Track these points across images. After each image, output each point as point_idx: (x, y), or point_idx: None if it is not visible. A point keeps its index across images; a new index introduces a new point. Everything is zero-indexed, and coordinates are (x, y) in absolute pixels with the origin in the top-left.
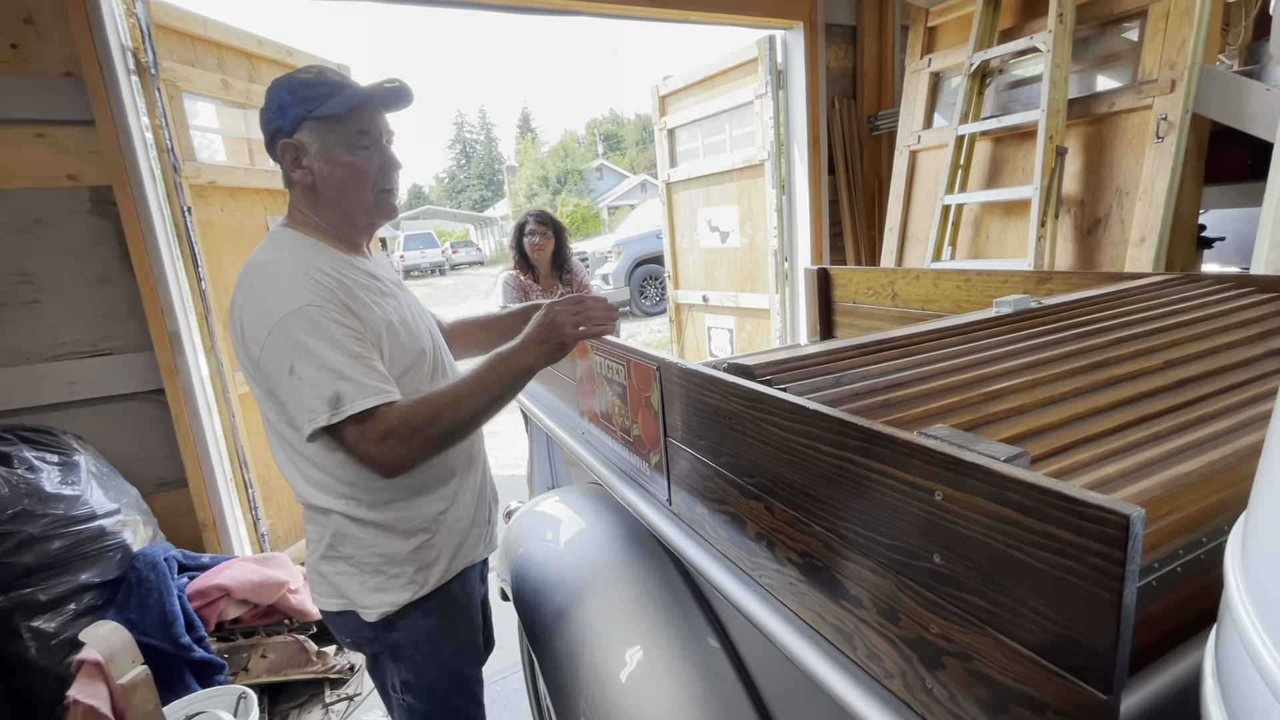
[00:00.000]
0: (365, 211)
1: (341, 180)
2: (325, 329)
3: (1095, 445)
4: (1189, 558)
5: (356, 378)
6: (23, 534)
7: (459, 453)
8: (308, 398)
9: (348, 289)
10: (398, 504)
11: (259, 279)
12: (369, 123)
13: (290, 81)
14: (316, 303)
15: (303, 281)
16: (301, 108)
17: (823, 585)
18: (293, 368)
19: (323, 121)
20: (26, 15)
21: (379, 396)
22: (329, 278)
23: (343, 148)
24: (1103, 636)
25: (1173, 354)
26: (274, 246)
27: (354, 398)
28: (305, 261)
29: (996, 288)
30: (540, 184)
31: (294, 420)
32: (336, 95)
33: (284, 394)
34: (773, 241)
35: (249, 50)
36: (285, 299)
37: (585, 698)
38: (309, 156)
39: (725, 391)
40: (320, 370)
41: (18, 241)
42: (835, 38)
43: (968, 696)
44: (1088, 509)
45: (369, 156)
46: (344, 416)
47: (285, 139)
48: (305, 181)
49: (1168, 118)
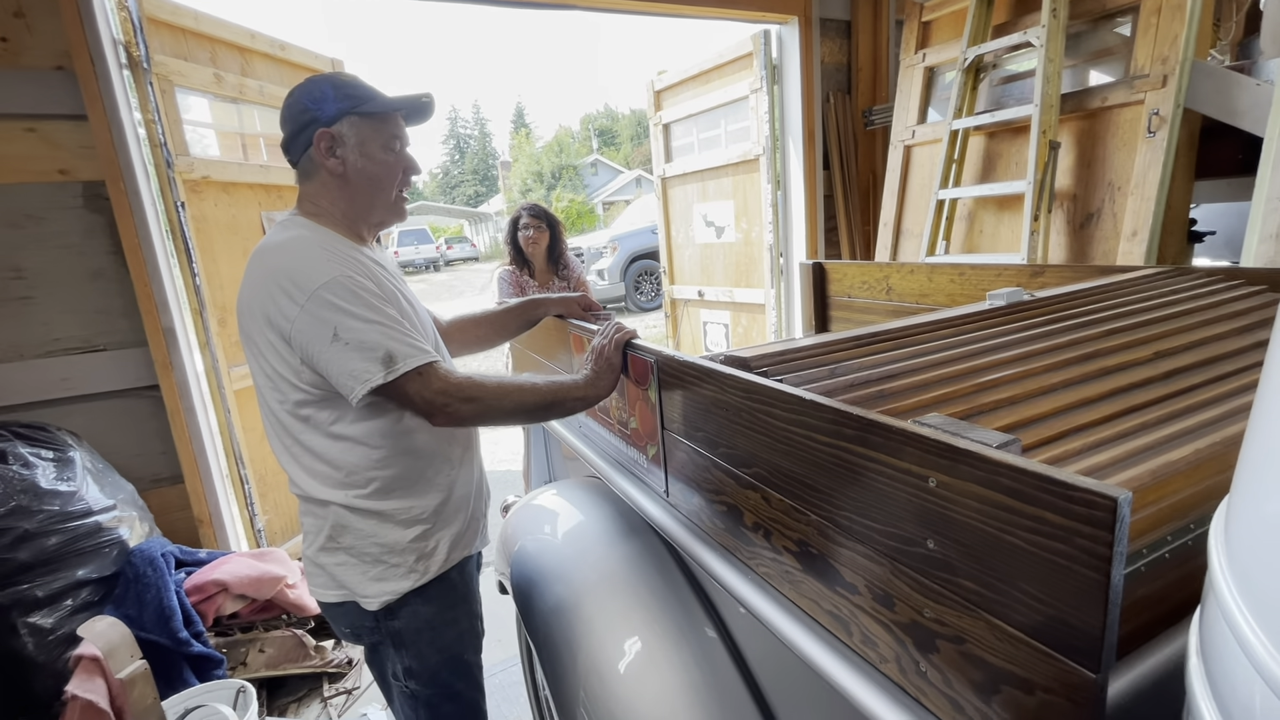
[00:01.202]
0: (385, 208)
1: (373, 175)
2: (363, 297)
3: (1086, 434)
4: (1177, 544)
5: (403, 338)
6: (19, 530)
7: (456, 444)
8: (358, 360)
9: (366, 269)
10: (397, 494)
11: (281, 256)
12: (402, 129)
13: (333, 79)
14: (347, 273)
15: (328, 256)
16: (345, 103)
17: (818, 573)
18: (336, 333)
19: (365, 118)
20: (17, 8)
21: (430, 355)
22: (347, 256)
23: (378, 145)
24: (1091, 616)
25: (1163, 345)
26: (286, 230)
27: (407, 355)
28: (323, 241)
29: (990, 281)
30: (535, 179)
31: (342, 385)
32: (378, 98)
33: (328, 360)
34: (768, 236)
35: (242, 44)
36: (316, 271)
37: (584, 689)
38: (344, 148)
39: (722, 383)
40: (367, 333)
41: (9, 237)
42: (830, 32)
43: (961, 679)
44: (1077, 493)
45: (399, 159)
46: (400, 373)
47: (323, 128)
48: (337, 171)
49: (1159, 112)
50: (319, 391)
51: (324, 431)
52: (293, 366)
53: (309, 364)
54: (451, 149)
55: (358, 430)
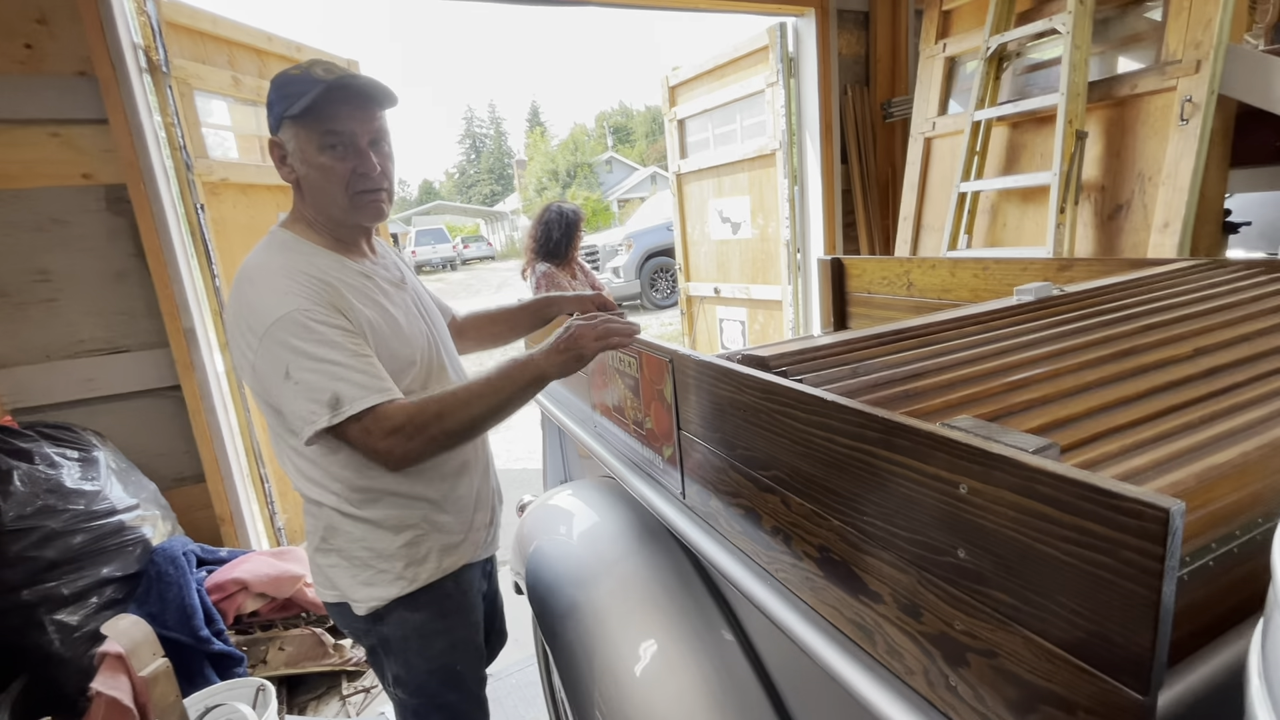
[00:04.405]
0: (343, 213)
1: (315, 182)
2: (317, 332)
3: (1124, 436)
4: (1221, 551)
5: (354, 378)
6: (45, 529)
7: (451, 457)
8: (305, 402)
9: (335, 289)
10: (385, 502)
11: (247, 287)
12: (339, 123)
13: (278, 79)
14: (305, 307)
15: (288, 286)
16: (280, 106)
17: (841, 580)
18: (288, 372)
19: (296, 120)
20: (40, 15)
21: (380, 394)
22: (315, 280)
23: (313, 147)
24: (1139, 635)
25: (1202, 341)
26: (264, 250)
27: (354, 397)
28: (291, 265)
29: (1015, 275)
30: (550, 177)
31: (292, 425)
32: (306, 93)
33: (281, 399)
34: (785, 232)
35: (259, 46)
36: (273, 305)
37: (599, 691)
38: (290, 155)
39: (740, 384)
40: (316, 373)
41: (36, 240)
42: (847, 24)
43: (994, 695)
44: (1124, 502)
45: (339, 156)
46: (345, 417)
47: (271, 137)
48: (291, 179)
49: (1192, 99)
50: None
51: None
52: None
53: (265, 399)
54: (468, 149)
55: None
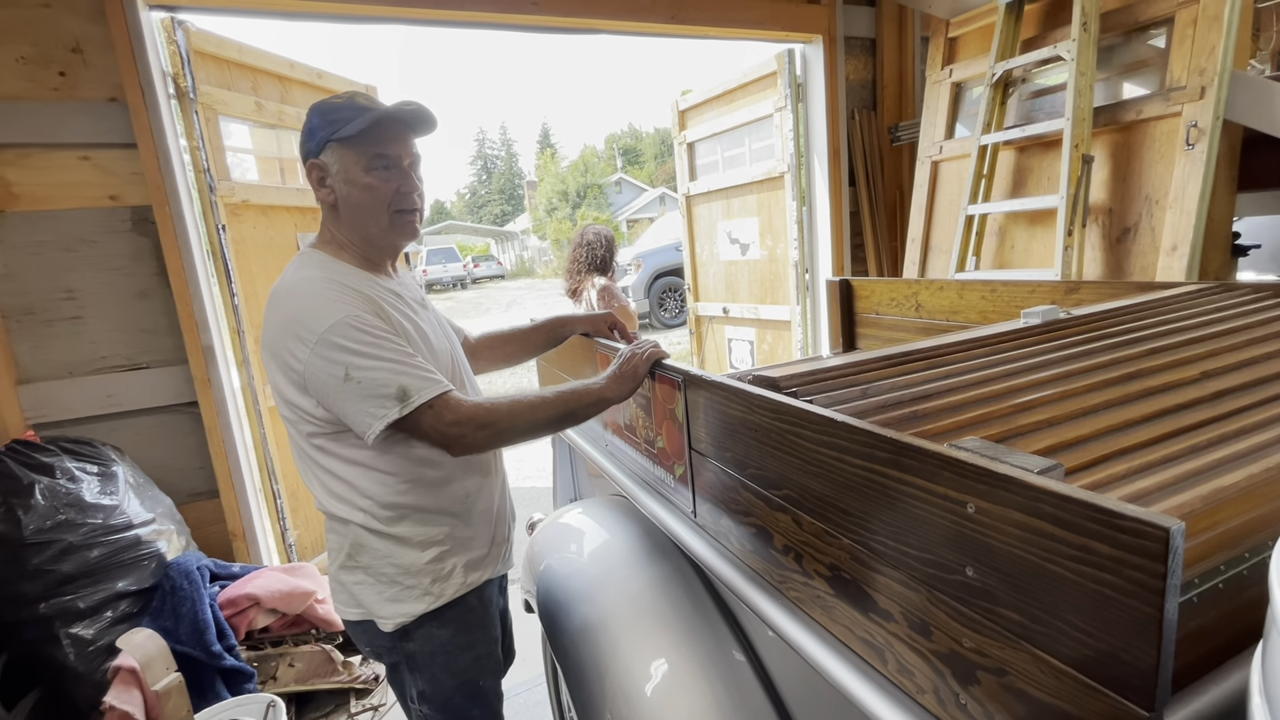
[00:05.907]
0: (382, 231)
1: (358, 201)
2: (371, 333)
3: (1130, 458)
4: (1231, 573)
5: (415, 371)
6: (63, 542)
7: (473, 472)
8: (371, 399)
9: (375, 302)
10: (412, 519)
11: (290, 301)
12: (387, 145)
13: (321, 106)
14: (355, 313)
15: (335, 295)
16: (326, 130)
17: (851, 598)
18: (348, 374)
19: (343, 143)
20: (74, 44)
21: (444, 384)
22: (357, 292)
23: (360, 169)
24: (1144, 651)
25: (1210, 365)
26: (301, 267)
27: (420, 388)
28: (332, 279)
29: (1023, 298)
30: (560, 198)
31: (356, 424)
32: (357, 118)
33: (341, 401)
34: (793, 253)
35: (281, 73)
36: (324, 313)
37: (610, 710)
38: (331, 177)
39: (751, 404)
40: (379, 370)
41: (64, 259)
42: (855, 50)
43: (1003, 712)
44: (1126, 522)
45: (385, 178)
46: (415, 406)
47: (312, 159)
48: (329, 201)
49: (1198, 124)
50: (333, 426)
51: (341, 458)
52: (306, 405)
53: (324, 406)
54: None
55: (374, 458)
